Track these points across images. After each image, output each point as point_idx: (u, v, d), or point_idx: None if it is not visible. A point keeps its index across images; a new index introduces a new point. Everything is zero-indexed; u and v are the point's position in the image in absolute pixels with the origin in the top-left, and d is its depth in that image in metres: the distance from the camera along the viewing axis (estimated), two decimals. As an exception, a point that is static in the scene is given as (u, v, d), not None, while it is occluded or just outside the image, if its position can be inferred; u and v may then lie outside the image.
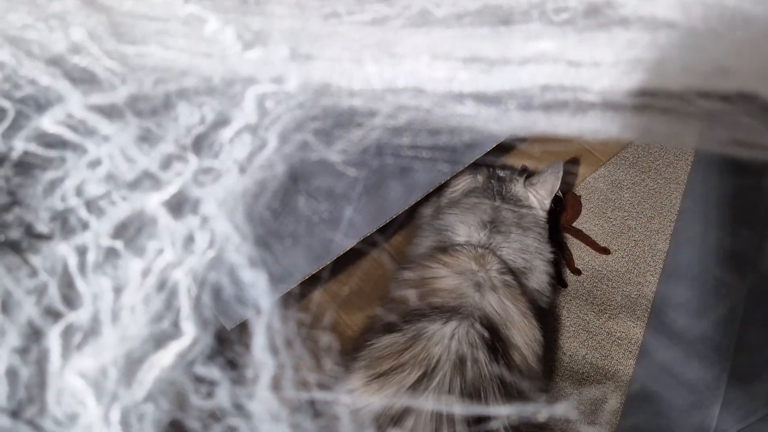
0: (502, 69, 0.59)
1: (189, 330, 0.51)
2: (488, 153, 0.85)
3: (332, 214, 0.73)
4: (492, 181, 1.27)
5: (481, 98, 0.57)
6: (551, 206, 1.30)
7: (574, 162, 1.60)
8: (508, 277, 1.08)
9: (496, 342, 0.99)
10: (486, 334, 0.97)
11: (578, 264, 1.44)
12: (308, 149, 0.58)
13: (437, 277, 1.07)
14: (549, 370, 1.27)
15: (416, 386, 0.93)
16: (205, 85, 0.56)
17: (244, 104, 0.57)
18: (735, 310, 1.11)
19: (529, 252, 1.17)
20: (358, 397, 0.93)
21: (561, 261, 1.43)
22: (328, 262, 0.75)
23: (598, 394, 1.24)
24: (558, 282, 1.39)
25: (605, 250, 1.45)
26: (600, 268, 1.44)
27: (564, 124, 0.56)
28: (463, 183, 1.26)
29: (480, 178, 1.26)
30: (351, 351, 1.01)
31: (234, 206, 0.55)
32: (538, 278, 1.18)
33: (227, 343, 0.52)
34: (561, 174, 1.27)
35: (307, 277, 0.73)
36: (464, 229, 1.16)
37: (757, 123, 0.50)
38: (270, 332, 0.47)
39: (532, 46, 0.59)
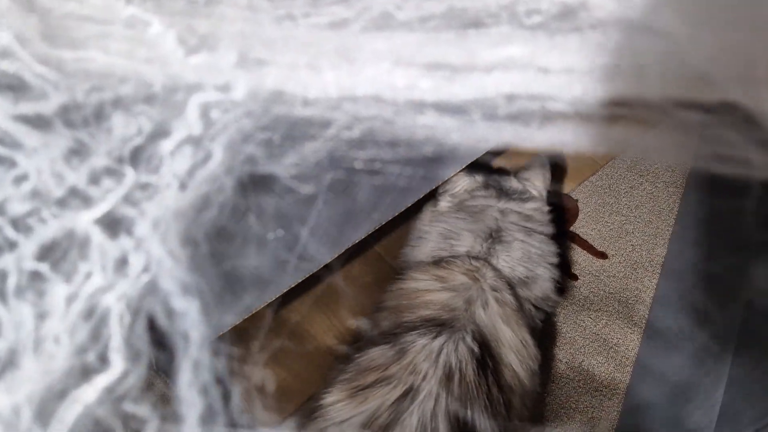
0: (466, 76, 0.55)
1: (118, 362, 0.47)
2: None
3: (284, 236, 0.68)
4: (491, 181, 1.23)
5: (444, 107, 0.54)
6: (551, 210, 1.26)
7: (568, 166, 1.56)
8: (502, 294, 1.04)
9: (487, 358, 0.96)
10: (476, 349, 0.94)
11: (575, 269, 1.40)
12: (257, 163, 0.54)
13: (429, 290, 1.03)
14: (544, 378, 1.23)
15: (401, 400, 0.90)
16: (144, 92, 0.53)
17: (186, 114, 0.54)
18: (733, 319, 1.07)
19: (532, 260, 1.14)
20: (341, 410, 0.91)
21: (568, 255, 1.40)
22: (278, 294, 0.71)
23: (594, 402, 1.20)
24: (568, 276, 1.35)
25: (602, 255, 1.41)
26: (597, 273, 1.40)
27: (531, 136, 0.53)
28: (463, 182, 1.22)
29: (479, 178, 1.23)
30: (338, 361, 1.00)
31: (173, 226, 0.51)
32: (542, 286, 1.15)
33: (162, 375, 0.47)
34: (548, 164, 1.23)
35: (251, 313, 0.69)
36: (469, 238, 1.13)
37: (738, 136, 0.45)
38: (198, 367, 0.42)
39: (500, 51, 0.55)
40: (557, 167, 1.47)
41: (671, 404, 1.11)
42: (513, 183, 1.24)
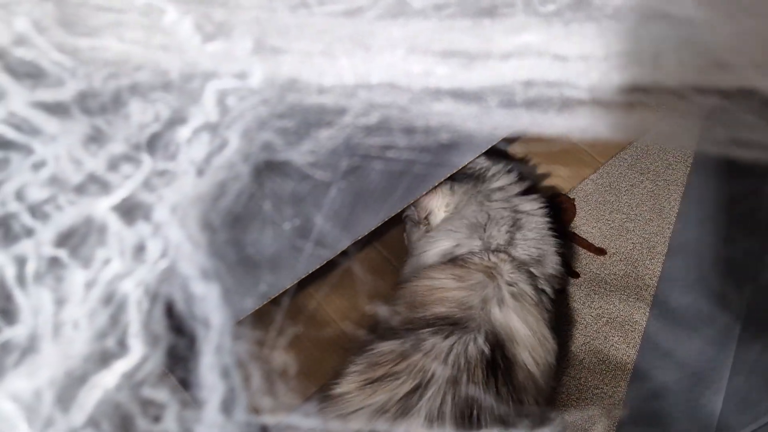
0: (483, 63, 0.55)
1: (137, 347, 0.47)
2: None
3: (300, 223, 0.68)
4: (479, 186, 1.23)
5: (460, 95, 0.54)
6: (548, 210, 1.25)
7: (569, 164, 1.56)
8: (519, 287, 1.04)
9: (498, 359, 0.96)
10: (487, 351, 0.94)
11: (575, 268, 1.40)
12: (273, 150, 0.54)
13: (446, 288, 1.03)
14: (560, 364, 1.23)
15: (409, 396, 0.90)
16: (161, 80, 0.53)
17: (203, 101, 0.53)
18: (734, 320, 1.07)
19: (543, 239, 1.15)
20: (350, 400, 0.92)
21: (570, 253, 1.40)
22: (295, 281, 0.71)
23: (596, 410, 1.20)
24: (569, 274, 1.35)
25: (601, 251, 1.41)
26: (597, 272, 1.40)
27: (549, 123, 0.53)
28: (436, 201, 1.22)
29: (456, 188, 1.22)
30: (352, 351, 1.00)
31: (190, 212, 0.51)
32: (551, 260, 1.16)
33: (181, 361, 0.47)
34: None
35: (270, 299, 0.69)
36: (494, 233, 1.13)
37: (757, 120, 0.45)
38: (220, 351, 0.42)
39: (516, 38, 0.55)
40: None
41: (687, 388, 1.11)
42: (469, 169, 1.23)
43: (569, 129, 0.54)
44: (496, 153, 1.24)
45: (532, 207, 1.21)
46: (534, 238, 1.15)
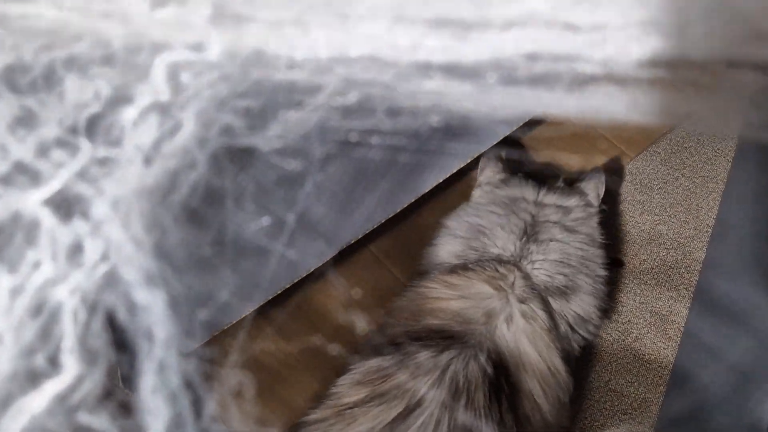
0: (480, 34, 0.54)
1: (71, 366, 0.46)
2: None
3: (269, 223, 0.70)
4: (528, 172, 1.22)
5: (454, 70, 0.54)
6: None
7: (582, 151, 1.56)
8: (532, 307, 1.03)
9: (503, 382, 0.95)
10: (490, 370, 0.93)
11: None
12: (234, 134, 0.54)
13: (440, 298, 1.02)
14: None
15: (397, 423, 0.89)
16: (102, 52, 0.53)
17: (151, 77, 0.54)
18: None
19: (571, 265, 1.12)
20: (326, 430, 0.91)
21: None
22: (260, 302, 0.71)
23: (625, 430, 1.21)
24: (614, 263, 1.34)
25: (618, 263, 1.40)
26: (626, 281, 1.39)
27: (557, 103, 0.53)
28: (489, 167, 1.20)
29: (504, 164, 1.21)
30: (330, 370, 1.00)
31: (135, 208, 0.51)
32: (583, 300, 1.13)
33: (123, 381, 0.47)
34: (603, 178, 1.23)
35: (227, 325, 0.69)
36: (502, 237, 1.11)
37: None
38: (166, 371, 0.41)
39: (518, 5, 0.55)
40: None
41: (733, 390, 1.10)
42: (559, 182, 1.23)
43: (581, 109, 0.54)
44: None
45: (576, 218, 1.19)
46: (560, 261, 1.13)
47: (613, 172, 1.53)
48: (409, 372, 0.93)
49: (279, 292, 0.75)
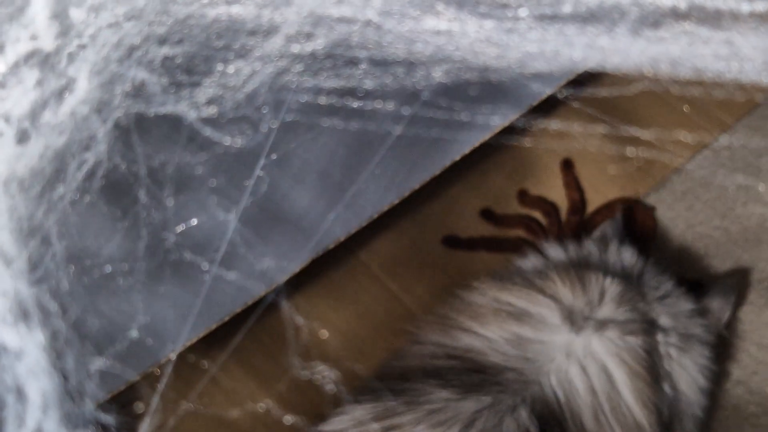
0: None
1: None
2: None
3: (197, 225, 0.66)
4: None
5: (468, 1, 0.50)
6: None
7: (661, 122, 1.52)
8: (636, 344, 0.97)
9: None
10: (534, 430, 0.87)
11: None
12: (148, 98, 0.51)
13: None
14: None
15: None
16: None
17: (27, 14, 0.51)
18: None
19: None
20: None
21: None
22: (188, 342, 0.68)
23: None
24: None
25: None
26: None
27: (617, 51, 0.49)
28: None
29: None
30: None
31: (4, 203, 0.47)
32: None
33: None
34: (734, 291, 1.17)
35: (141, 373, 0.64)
36: None
37: None
38: None
39: None
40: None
41: None
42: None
43: (652, 62, 0.50)
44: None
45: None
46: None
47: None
48: (417, 417, 0.87)
49: (212, 327, 0.70)
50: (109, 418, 0.47)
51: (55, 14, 0.51)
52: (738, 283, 1.26)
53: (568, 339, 0.95)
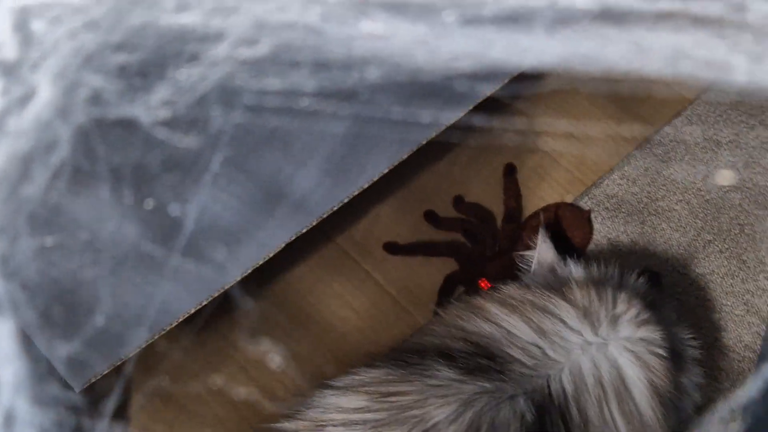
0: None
1: None
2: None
3: (160, 222, 0.68)
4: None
5: (399, 7, 0.53)
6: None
7: (575, 114, 1.55)
8: (651, 351, 1.00)
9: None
10: (529, 417, 0.91)
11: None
12: (106, 102, 0.53)
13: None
14: None
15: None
16: None
17: None
18: None
19: None
20: None
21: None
22: (156, 333, 0.69)
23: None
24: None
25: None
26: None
27: (535, 49, 0.52)
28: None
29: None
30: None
31: None
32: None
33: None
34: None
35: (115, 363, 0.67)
36: None
37: None
38: (10, 424, 0.42)
39: None
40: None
41: None
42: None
43: (566, 58, 0.53)
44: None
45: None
46: None
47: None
48: (420, 388, 0.92)
49: (179, 320, 0.72)
50: (76, 398, 0.50)
51: (17, 25, 0.52)
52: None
53: (586, 338, 0.99)
